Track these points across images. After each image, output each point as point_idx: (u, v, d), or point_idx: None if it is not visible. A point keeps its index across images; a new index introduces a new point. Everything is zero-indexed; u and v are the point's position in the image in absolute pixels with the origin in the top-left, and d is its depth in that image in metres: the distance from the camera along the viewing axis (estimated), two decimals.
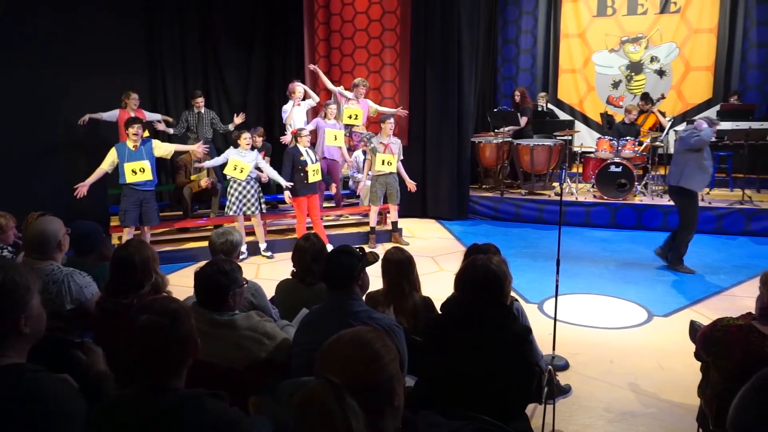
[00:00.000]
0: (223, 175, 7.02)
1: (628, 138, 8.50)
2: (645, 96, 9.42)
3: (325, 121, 7.82)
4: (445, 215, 8.80)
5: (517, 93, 9.75)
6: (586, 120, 11.45)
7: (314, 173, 6.88)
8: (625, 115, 9.05)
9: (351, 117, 8.11)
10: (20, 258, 3.23)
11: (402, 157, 7.50)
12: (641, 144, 8.50)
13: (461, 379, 2.33)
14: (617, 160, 8.26)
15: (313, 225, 7.00)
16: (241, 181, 6.67)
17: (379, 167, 7.26)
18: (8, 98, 6.93)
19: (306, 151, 6.92)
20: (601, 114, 10.79)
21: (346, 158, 8.09)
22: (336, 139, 7.76)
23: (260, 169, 6.88)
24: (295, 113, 8.00)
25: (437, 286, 4.31)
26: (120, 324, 1.80)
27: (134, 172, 6.14)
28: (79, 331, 2.82)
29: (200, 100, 8.11)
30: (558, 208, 4.32)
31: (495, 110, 9.91)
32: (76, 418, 1.64)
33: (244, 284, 2.69)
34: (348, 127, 8.21)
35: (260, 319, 2.67)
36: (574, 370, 4.14)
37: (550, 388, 3.14)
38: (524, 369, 2.42)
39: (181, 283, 3.85)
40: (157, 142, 6.48)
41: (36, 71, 7.13)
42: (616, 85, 11.30)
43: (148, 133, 7.16)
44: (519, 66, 11.69)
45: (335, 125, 7.85)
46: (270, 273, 6.26)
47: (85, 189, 6.03)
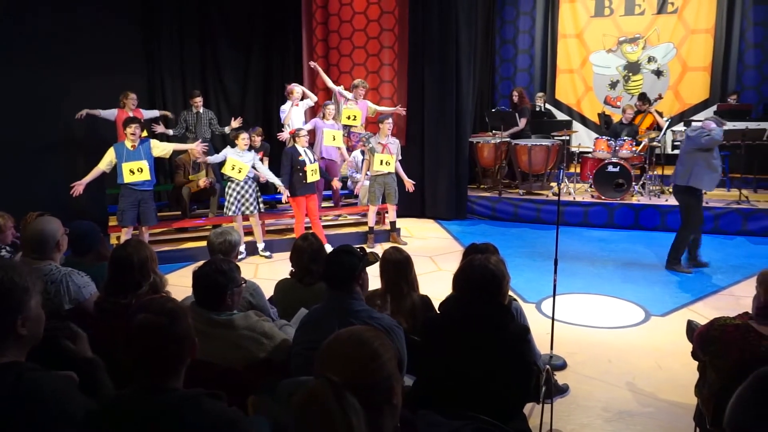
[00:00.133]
0: (221, 175, 7.02)
1: (625, 138, 8.51)
2: (642, 96, 9.43)
3: (323, 121, 7.82)
4: (443, 215, 8.80)
5: (515, 93, 9.73)
6: (583, 120, 11.45)
7: (313, 173, 6.88)
8: (623, 116, 9.07)
9: (349, 118, 8.11)
10: (18, 258, 3.23)
11: (400, 157, 7.50)
12: (639, 144, 8.51)
13: (459, 379, 2.33)
14: (615, 160, 8.27)
15: (311, 225, 7.00)
16: (239, 181, 6.67)
17: (377, 167, 7.26)
18: (8, 98, 6.93)
19: (304, 151, 6.92)
20: (598, 114, 10.80)
21: (345, 157, 8.08)
22: (334, 139, 7.77)
23: (256, 170, 6.88)
24: (293, 113, 8.00)
25: (435, 286, 4.30)
26: (118, 324, 1.79)
27: (132, 172, 6.13)
28: None
29: (198, 100, 8.10)
30: (556, 208, 4.34)
31: (493, 110, 9.93)
32: (76, 417, 1.63)
33: (242, 284, 2.69)
34: (346, 128, 8.21)
35: (258, 318, 2.67)
36: (571, 370, 4.16)
37: (548, 388, 3.15)
38: (522, 368, 2.42)
39: (179, 283, 3.85)
40: (155, 142, 6.47)
41: (36, 71, 7.13)
42: (613, 85, 11.30)
43: (147, 133, 7.16)
44: (517, 66, 11.68)
45: (333, 125, 7.85)
46: (268, 273, 6.26)
47: (81, 187, 6.03)
